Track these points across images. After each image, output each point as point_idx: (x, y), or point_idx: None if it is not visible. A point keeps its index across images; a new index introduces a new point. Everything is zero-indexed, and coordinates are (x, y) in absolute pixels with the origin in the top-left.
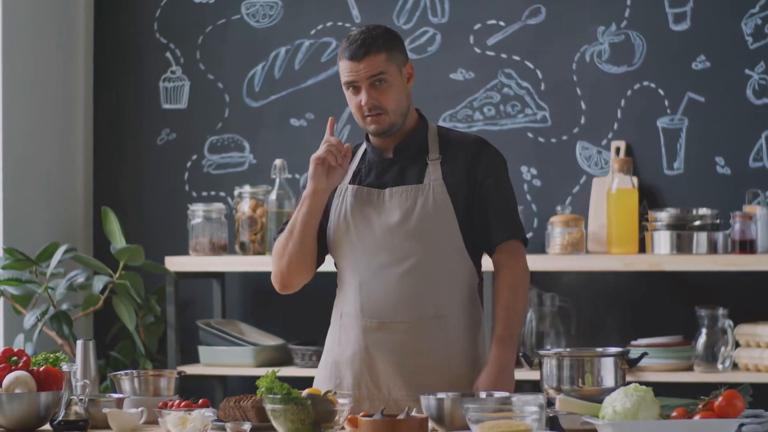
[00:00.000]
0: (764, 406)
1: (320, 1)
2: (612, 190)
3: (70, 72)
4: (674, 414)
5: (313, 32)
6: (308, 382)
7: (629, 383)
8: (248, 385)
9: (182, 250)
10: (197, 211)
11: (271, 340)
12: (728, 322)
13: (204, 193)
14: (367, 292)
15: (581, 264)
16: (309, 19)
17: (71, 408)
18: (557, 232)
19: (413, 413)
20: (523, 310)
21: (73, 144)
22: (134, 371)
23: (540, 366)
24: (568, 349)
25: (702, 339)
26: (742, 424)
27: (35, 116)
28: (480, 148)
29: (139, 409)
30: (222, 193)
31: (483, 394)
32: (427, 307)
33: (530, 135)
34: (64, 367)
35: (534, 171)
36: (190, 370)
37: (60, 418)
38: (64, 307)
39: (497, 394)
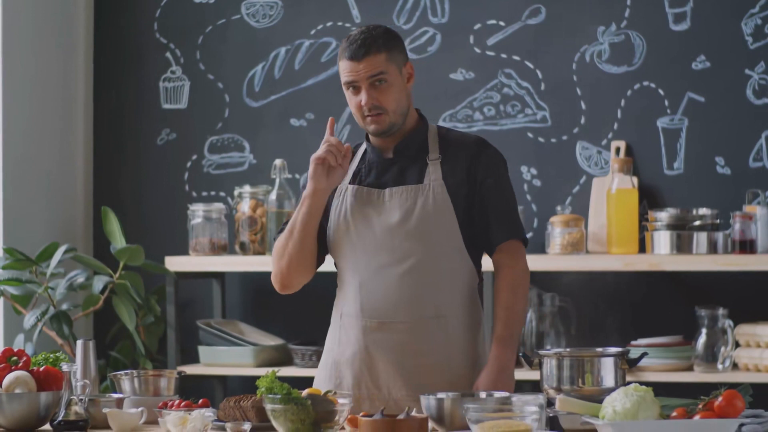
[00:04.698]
0: (764, 406)
1: (320, 1)
2: (612, 190)
3: (70, 72)
4: (674, 414)
5: (313, 32)
6: (308, 382)
7: (629, 383)
8: (248, 385)
9: (182, 250)
10: (197, 211)
11: (271, 340)
12: (728, 322)
13: (204, 193)
14: (367, 292)
15: (581, 264)
16: (309, 19)
17: (71, 408)
18: (557, 232)
19: (413, 413)
20: (523, 310)
21: (73, 144)
22: (134, 371)
23: (540, 366)
24: (568, 349)
25: (702, 339)
26: (742, 424)
27: (35, 116)
28: (480, 148)
29: (139, 409)
30: (222, 193)
31: (483, 394)
32: (427, 307)
33: (530, 135)
34: (64, 367)
35: (534, 171)
36: (190, 370)
37: (60, 418)
38: (64, 307)
39: (497, 394)
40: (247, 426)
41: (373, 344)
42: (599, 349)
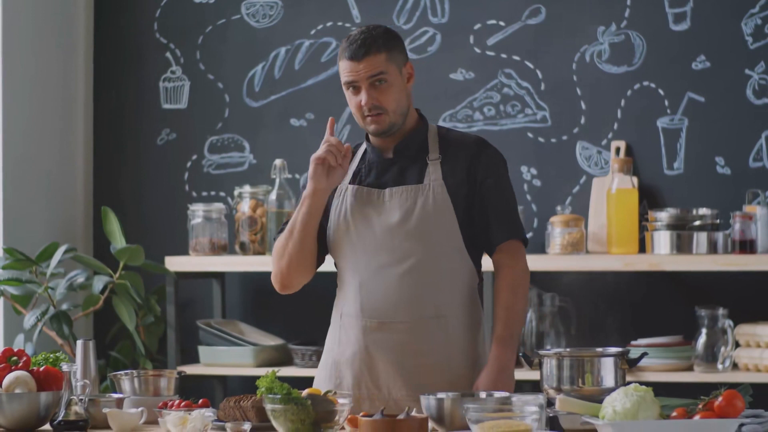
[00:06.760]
0: (764, 406)
1: (320, 1)
2: (612, 190)
3: (70, 72)
4: (674, 414)
5: (313, 32)
6: (308, 382)
7: (629, 383)
8: (248, 385)
9: (182, 250)
10: (197, 211)
11: (271, 340)
12: (728, 322)
13: (204, 193)
14: (367, 292)
15: (581, 264)
16: (309, 19)
17: (71, 408)
18: (557, 232)
19: (413, 413)
20: (523, 310)
21: (73, 144)
22: (134, 371)
23: (540, 366)
24: (568, 349)
25: (702, 339)
26: (742, 424)
27: (35, 116)
28: (480, 148)
29: (139, 409)
30: (222, 193)
31: (483, 394)
32: (427, 307)
33: (530, 135)
34: (64, 367)
35: (534, 171)
36: (190, 370)
37: (60, 418)
38: (64, 307)
39: (497, 394)
40: (247, 426)
41: (373, 344)
42: (599, 349)
